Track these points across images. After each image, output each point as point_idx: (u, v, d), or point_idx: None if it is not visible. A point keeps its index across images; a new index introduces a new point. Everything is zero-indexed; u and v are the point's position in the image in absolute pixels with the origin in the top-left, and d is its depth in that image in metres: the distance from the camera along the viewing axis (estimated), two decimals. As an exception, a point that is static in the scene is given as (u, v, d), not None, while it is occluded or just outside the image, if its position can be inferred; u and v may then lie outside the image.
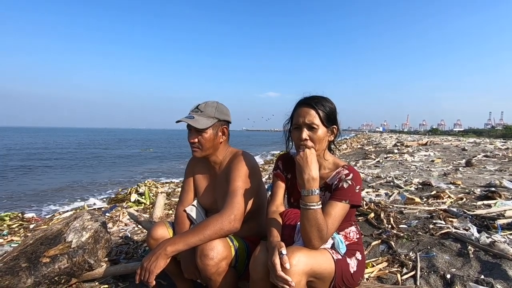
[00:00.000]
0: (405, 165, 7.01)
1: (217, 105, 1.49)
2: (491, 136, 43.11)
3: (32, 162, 16.70)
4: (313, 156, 1.14)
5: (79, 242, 1.95)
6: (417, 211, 2.78)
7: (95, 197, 7.25)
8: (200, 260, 1.22)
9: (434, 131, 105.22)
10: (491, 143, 15.47)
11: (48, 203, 7.09)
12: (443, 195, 3.33)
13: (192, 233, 1.25)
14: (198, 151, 1.46)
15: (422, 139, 17.19)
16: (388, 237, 2.21)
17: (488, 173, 5.31)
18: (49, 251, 1.85)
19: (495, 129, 72.36)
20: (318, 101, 1.24)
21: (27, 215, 4.78)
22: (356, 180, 1.20)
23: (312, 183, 1.10)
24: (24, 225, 4.15)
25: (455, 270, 1.66)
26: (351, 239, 1.30)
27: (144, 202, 5.20)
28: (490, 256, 1.75)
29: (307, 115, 1.22)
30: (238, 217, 1.30)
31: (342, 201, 1.16)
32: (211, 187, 1.58)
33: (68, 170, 13.52)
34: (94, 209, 5.12)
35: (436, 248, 1.93)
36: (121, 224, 3.92)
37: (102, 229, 2.14)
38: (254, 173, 1.44)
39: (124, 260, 2.33)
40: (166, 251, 1.21)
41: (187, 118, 1.42)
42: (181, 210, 1.59)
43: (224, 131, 1.51)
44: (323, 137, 1.23)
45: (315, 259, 1.08)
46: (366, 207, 2.94)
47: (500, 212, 2.51)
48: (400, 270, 1.75)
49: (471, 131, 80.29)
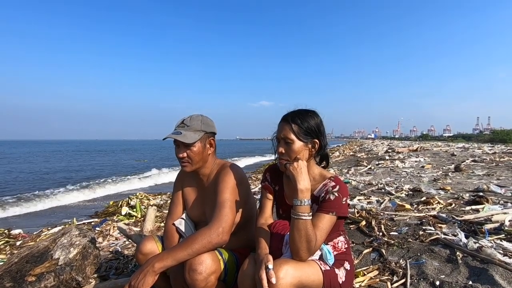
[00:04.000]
0: (396, 171, 7.09)
1: (202, 118, 1.50)
2: (479, 141, 44.06)
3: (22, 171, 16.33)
4: (305, 167, 1.17)
5: (67, 259, 1.91)
6: (407, 218, 2.81)
7: (85, 211, 7.11)
8: (188, 275, 1.21)
9: (424, 136, 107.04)
10: (479, 147, 15.82)
11: (37, 218, 6.92)
12: (432, 201, 3.38)
13: (180, 248, 1.24)
14: (188, 165, 1.46)
15: (413, 145, 17.45)
16: (379, 244, 2.22)
17: (476, 178, 5.42)
18: (35, 269, 1.80)
19: (483, 134, 74.00)
20: (296, 116, 1.27)
21: (13, 231, 4.64)
22: (342, 192, 1.22)
23: (306, 193, 1.13)
24: (11, 242, 4.02)
25: (444, 277, 1.68)
26: (340, 249, 1.31)
27: (135, 215, 5.12)
28: (477, 261, 1.77)
29: (283, 130, 1.26)
30: (226, 230, 1.30)
31: (329, 213, 1.18)
32: (199, 200, 1.58)
33: (58, 182, 13.23)
34: (84, 224, 5.02)
35: (426, 255, 1.95)
36: (112, 238, 3.84)
37: (91, 245, 2.10)
38: (242, 185, 1.45)
39: (114, 276, 2.28)
40: (154, 268, 1.20)
41: (174, 134, 1.42)
42: (170, 223, 1.58)
43: (212, 143, 1.53)
44: (298, 151, 1.24)
45: (303, 271, 1.08)
46: (357, 215, 2.96)
47: (488, 216, 2.56)
48: (390, 278, 1.76)
49: (460, 136, 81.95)
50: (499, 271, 1.62)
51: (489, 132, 69.01)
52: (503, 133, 46.74)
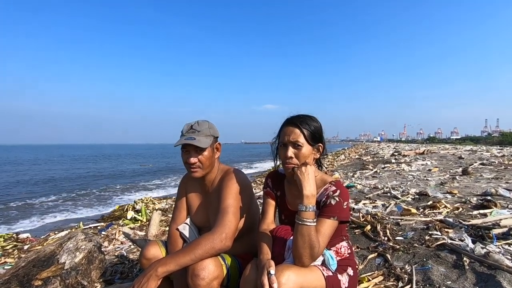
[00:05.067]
0: (402, 175, 7.02)
1: (209, 123, 1.52)
2: (488, 144, 43.35)
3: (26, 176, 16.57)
4: (312, 173, 1.17)
5: (72, 263, 1.93)
6: (413, 222, 2.78)
7: (91, 215, 7.18)
8: (191, 280, 1.22)
9: (431, 139, 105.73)
10: (488, 150, 15.57)
11: (44, 217, 7.03)
12: (439, 205, 3.33)
13: (183, 253, 1.25)
14: (199, 170, 1.46)
15: (419, 148, 17.27)
16: (384, 249, 2.20)
17: (484, 181, 5.33)
18: (42, 273, 1.83)
19: (491, 136, 72.89)
20: (303, 120, 1.28)
21: (21, 235, 4.71)
22: (343, 196, 1.22)
23: (311, 199, 1.13)
24: (19, 246, 4.08)
25: (451, 283, 1.65)
26: (343, 254, 1.30)
27: (141, 219, 5.15)
28: (485, 267, 1.74)
29: (292, 134, 1.26)
30: (229, 235, 1.31)
31: (330, 218, 1.18)
32: (203, 205, 1.59)
33: (63, 187, 13.37)
34: (90, 228, 5.07)
35: (432, 260, 1.93)
36: (117, 242, 3.87)
37: (96, 249, 2.12)
38: (245, 190, 1.46)
39: (119, 280, 2.29)
40: (157, 272, 1.21)
41: (188, 140, 1.41)
42: (174, 228, 1.59)
43: (218, 147, 1.54)
44: (307, 155, 1.26)
45: (305, 277, 1.08)
46: (362, 219, 2.93)
47: (496, 221, 2.52)
48: (395, 284, 1.74)
49: (468, 138, 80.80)
50: (507, 277, 1.59)
51: (498, 135, 67.94)
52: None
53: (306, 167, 1.18)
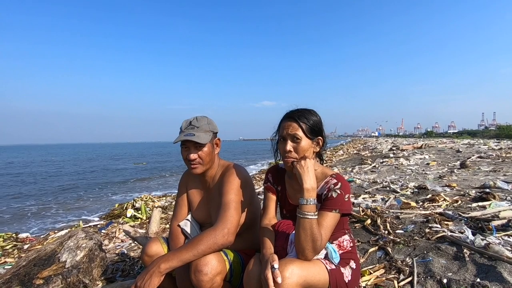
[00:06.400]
0: (401, 169, 7.05)
1: (207, 118, 1.50)
2: (485, 137, 43.59)
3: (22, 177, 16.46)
4: (312, 166, 1.17)
5: (73, 261, 1.93)
6: (413, 216, 2.79)
7: (90, 214, 7.15)
8: (194, 276, 1.22)
9: (429, 133, 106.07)
10: (485, 143, 15.66)
11: (41, 220, 6.96)
12: (438, 198, 3.35)
13: (185, 249, 1.25)
14: (199, 166, 1.45)
15: (417, 142, 17.33)
16: (385, 243, 2.21)
17: (482, 174, 5.36)
18: (43, 272, 1.82)
19: (488, 130, 73.24)
20: (302, 114, 1.27)
21: (21, 235, 4.69)
22: (344, 189, 1.22)
23: (312, 192, 1.14)
24: (18, 245, 4.07)
25: (452, 274, 1.66)
26: (345, 247, 1.30)
27: (141, 217, 5.15)
28: (485, 258, 1.75)
29: (290, 128, 1.26)
30: (231, 231, 1.30)
31: (332, 211, 1.18)
32: (204, 201, 1.59)
33: (60, 187, 13.30)
34: (90, 227, 5.06)
35: (432, 253, 1.94)
36: (118, 240, 3.87)
37: (97, 247, 2.12)
38: (246, 185, 1.45)
39: (120, 278, 2.29)
40: (160, 269, 1.20)
41: (188, 136, 1.40)
42: (175, 225, 1.58)
43: (217, 143, 1.54)
44: (306, 148, 1.26)
45: (309, 271, 1.08)
46: (362, 213, 2.94)
47: (495, 213, 2.53)
48: (397, 277, 1.75)
49: (465, 132, 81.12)
50: (507, 268, 1.60)
51: (495, 128, 68.27)
52: (509, 129, 46.16)
53: (306, 161, 1.19)
